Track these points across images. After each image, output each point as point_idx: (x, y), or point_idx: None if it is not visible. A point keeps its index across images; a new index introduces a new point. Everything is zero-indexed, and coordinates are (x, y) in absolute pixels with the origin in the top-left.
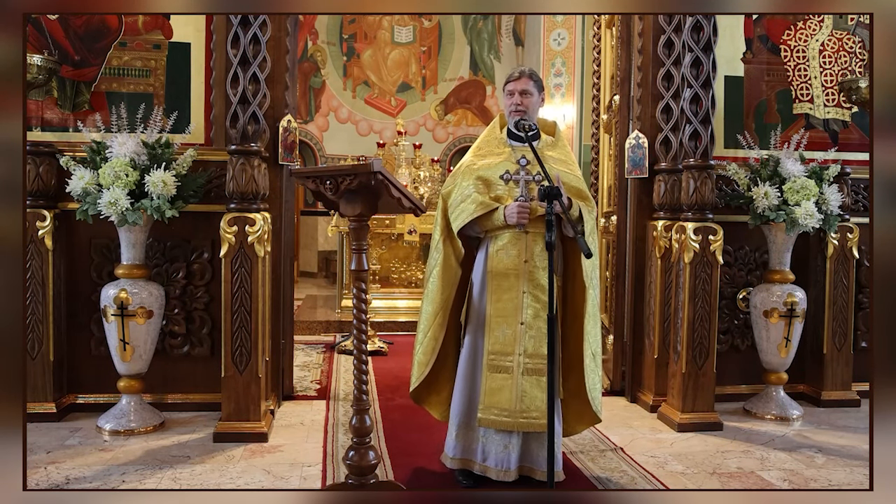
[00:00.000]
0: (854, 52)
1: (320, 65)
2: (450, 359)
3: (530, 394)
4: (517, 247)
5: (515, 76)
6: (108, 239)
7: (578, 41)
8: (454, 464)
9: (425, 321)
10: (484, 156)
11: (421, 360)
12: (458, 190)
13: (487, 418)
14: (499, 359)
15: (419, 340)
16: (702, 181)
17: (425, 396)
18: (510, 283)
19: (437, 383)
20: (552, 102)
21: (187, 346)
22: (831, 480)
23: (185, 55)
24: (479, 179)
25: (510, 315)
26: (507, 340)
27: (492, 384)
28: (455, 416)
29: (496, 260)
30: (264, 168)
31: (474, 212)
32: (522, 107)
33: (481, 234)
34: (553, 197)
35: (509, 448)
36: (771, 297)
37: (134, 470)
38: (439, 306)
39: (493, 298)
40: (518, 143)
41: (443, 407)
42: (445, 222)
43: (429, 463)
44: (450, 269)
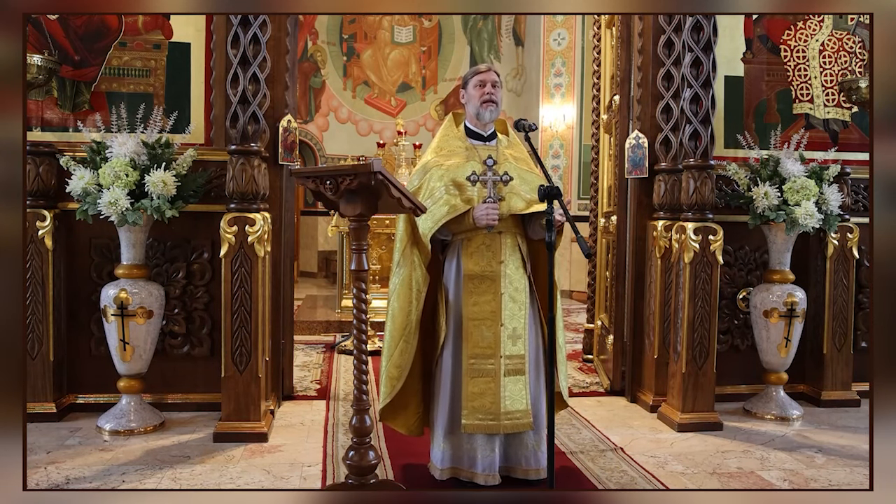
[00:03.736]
0: (854, 52)
1: (320, 65)
2: (415, 369)
3: (513, 395)
4: (491, 248)
5: (484, 69)
6: (108, 239)
7: (578, 41)
8: (444, 474)
9: (394, 333)
10: (448, 156)
11: (392, 374)
12: (425, 192)
13: (472, 423)
14: (479, 363)
15: (387, 354)
16: (702, 181)
17: (391, 414)
18: (487, 286)
19: (404, 398)
20: (552, 102)
21: (187, 346)
22: (831, 480)
23: (185, 55)
24: (452, 182)
25: (489, 318)
26: (488, 343)
27: (473, 389)
28: (440, 425)
29: (471, 263)
30: (264, 168)
31: (446, 215)
32: (496, 97)
33: (449, 237)
34: (553, 197)
35: (495, 451)
36: (771, 297)
37: (134, 470)
38: (410, 316)
39: (470, 302)
40: (479, 143)
41: (410, 421)
42: (412, 227)
43: (428, 463)
44: (420, 276)
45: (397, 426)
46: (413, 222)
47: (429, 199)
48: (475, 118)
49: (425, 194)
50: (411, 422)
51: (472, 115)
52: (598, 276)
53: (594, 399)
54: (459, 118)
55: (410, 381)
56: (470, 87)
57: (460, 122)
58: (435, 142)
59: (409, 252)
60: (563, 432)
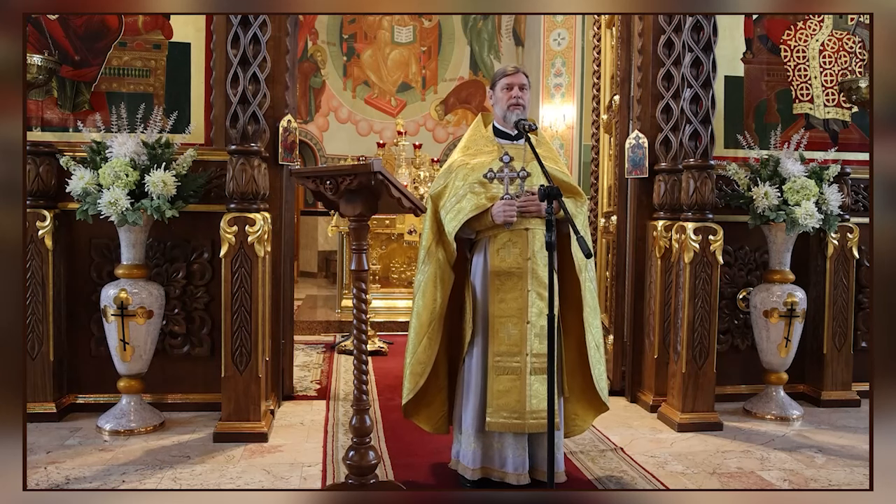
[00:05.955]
0: (854, 52)
1: (320, 65)
2: (440, 367)
3: (538, 394)
4: (518, 245)
5: (511, 71)
6: (108, 239)
7: (578, 41)
8: (476, 474)
9: (419, 329)
10: (474, 155)
11: (415, 370)
12: (451, 191)
13: (497, 422)
14: (505, 360)
15: (411, 350)
16: (702, 181)
17: (415, 410)
18: (513, 283)
19: (428, 395)
20: (552, 102)
21: (187, 346)
22: (831, 480)
23: (185, 55)
24: (476, 180)
25: (515, 315)
26: (514, 341)
27: (499, 387)
28: (469, 424)
29: (498, 259)
30: (264, 168)
31: (470, 212)
32: (523, 101)
33: (473, 235)
34: (553, 197)
35: (525, 450)
36: (771, 297)
37: (134, 470)
38: (434, 314)
39: (496, 299)
40: (506, 141)
41: (435, 418)
42: (437, 225)
43: (429, 463)
44: (445, 273)
45: (421, 423)
46: (439, 221)
47: (453, 198)
48: (503, 120)
49: (450, 193)
50: (436, 419)
51: (499, 116)
52: (599, 276)
53: None
54: (488, 118)
55: (435, 379)
56: (498, 90)
57: (489, 123)
58: (463, 141)
59: (434, 250)
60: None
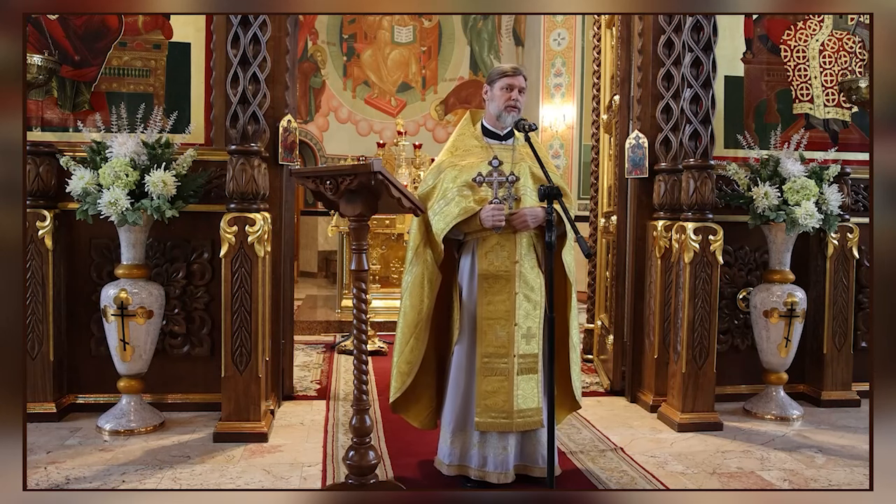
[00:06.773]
0: (854, 52)
1: (320, 65)
2: (428, 365)
3: (525, 393)
4: (506, 248)
5: (512, 72)
6: (108, 239)
7: (578, 41)
8: (451, 470)
9: (405, 330)
10: (463, 156)
11: (402, 369)
12: (440, 192)
13: (485, 422)
14: (493, 361)
15: (399, 350)
16: (702, 181)
17: (403, 406)
18: (501, 286)
19: (416, 391)
20: (552, 102)
21: (187, 346)
22: (831, 480)
23: (185, 55)
24: (465, 183)
25: (503, 317)
26: (502, 343)
27: (486, 387)
28: (449, 422)
29: (486, 262)
30: (264, 168)
31: (457, 216)
32: (520, 104)
33: (461, 236)
34: (553, 197)
35: (507, 450)
36: (771, 297)
37: (134, 470)
38: (422, 315)
39: (484, 301)
40: (495, 142)
41: (423, 415)
42: (425, 226)
43: (429, 463)
44: (433, 275)
45: (409, 418)
46: (427, 222)
47: (442, 200)
48: (495, 119)
49: (439, 194)
50: (423, 415)
51: (492, 114)
52: (598, 276)
53: (594, 399)
54: (476, 116)
55: (423, 376)
56: (496, 88)
57: (477, 121)
58: (451, 141)
59: (423, 251)
60: (564, 432)
